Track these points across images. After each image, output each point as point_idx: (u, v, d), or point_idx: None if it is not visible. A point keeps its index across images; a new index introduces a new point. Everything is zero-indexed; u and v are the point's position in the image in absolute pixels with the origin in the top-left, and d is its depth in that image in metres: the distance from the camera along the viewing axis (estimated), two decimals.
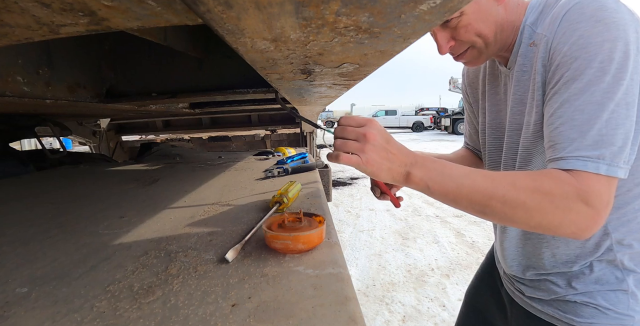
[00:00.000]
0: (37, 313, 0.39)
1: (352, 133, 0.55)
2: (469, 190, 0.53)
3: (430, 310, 2.20)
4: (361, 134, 0.54)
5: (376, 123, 0.56)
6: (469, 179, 0.53)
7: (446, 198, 0.56)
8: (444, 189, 0.54)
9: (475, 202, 0.53)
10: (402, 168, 0.55)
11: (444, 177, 0.54)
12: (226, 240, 0.59)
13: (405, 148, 0.57)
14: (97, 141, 2.94)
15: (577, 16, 0.55)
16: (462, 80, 0.93)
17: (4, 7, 0.30)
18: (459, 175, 0.54)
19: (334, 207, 4.68)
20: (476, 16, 0.63)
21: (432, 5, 0.30)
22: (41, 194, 1.07)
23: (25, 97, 0.99)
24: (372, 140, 0.54)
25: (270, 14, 0.30)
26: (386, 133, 0.56)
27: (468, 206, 0.55)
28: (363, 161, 0.54)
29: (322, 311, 0.37)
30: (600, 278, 0.67)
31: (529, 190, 0.51)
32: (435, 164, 0.55)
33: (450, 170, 0.54)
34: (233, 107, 1.99)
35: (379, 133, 0.55)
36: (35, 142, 2.56)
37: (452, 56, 0.71)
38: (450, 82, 20.63)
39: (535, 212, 0.50)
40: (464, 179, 0.53)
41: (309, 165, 1.26)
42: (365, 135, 0.54)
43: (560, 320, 0.70)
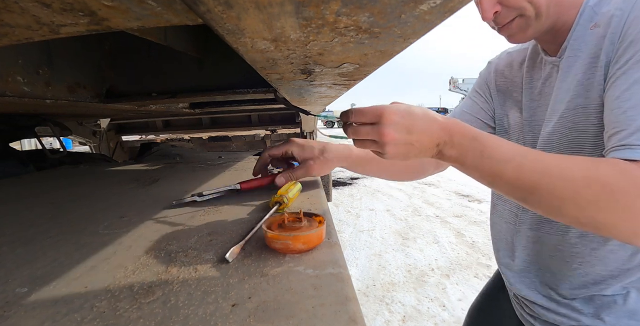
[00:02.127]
0: (37, 313, 0.39)
1: (367, 133, 0.50)
2: (512, 176, 0.45)
3: (430, 310, 2.20)
4: (377, 134, 0.48)
5: (390, 113, 0.48)
6: (514, 164, 0.45)
7: (483, 180, 0.49)
8: (482, 172, 0.48)
9: (518, 189, 0.46)
10: (434, 149, 0.49)
11: (482, 159, 0.47)
12: (226, 240, 0.59)
13: (435, 121, 0.49)
14: (97, 141, 2.94)
15: None
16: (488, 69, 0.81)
17: (4, 7, 0.30)
18: (503, 158, 0.46)
19: (334, 207, 4.69)
20: None
21: (432, 5, 0.30)
22: (41, 194, 1.07)
23: (25, 97, 0.99)
24: (391, 139, 0.48)
25: (270, 14, 0.30)
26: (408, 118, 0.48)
27: (508, 192, 0.48)
28: (386, 157, 0.50)
29: (322, 311, 0.37)
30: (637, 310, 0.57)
31: (586, 179, 0.43)
32: (475, 143, 0.47)
33: (491, 151, 0.46)
34: (233, 107, 1.99)
35: (396, 127, 0.47)
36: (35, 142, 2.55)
37: (496, 27, 0.62)
38: (451, 82, 20.64)
39: (590, 205, 0.43)
40: (508, 165, 0.45)
41: None
42: (382, 134, 0.48)
43: None
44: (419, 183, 6.06)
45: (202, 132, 3.56)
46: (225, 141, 3.65)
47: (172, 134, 3.75)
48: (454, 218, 4.03)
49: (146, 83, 1.38)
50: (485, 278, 2.58)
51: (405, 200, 4.96)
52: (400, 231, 3.66)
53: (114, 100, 1.36)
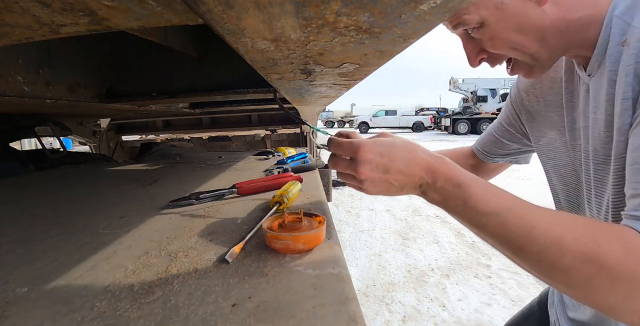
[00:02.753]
0: (37, 313, 0.39)
1: (345, 167, 0.48)
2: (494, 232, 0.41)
3: (430, 310, 2.20)
4: (353, 169, 0.47)
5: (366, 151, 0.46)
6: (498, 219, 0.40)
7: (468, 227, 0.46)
8: (465, 221, 0.45)
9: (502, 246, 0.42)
10: (417, 190, 0.47)
11: (465, 208, 0.43)
12: (226, 240, 0.59)
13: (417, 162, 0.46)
14: (97, 141, 2.94)
15: None
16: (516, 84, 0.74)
17: (4, 7, 0.30)
18: (486, 211, 0.41)
19: (334, 207, 4.69)
20: (503, 26, 0.49)
21: (433, 5, 0.30)
22: (41, 194, 1.07)
23: (26, 97, 0.99)
24: (365, 177, 0.46)
25: (270, 14, 0.30)
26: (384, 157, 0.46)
27: (493, 246, 0.44)
28: (368, 193, 0.48)
29: (322, 311, 0.37)
30: None
31: (582, 254, 0.36)
32: (458, 190, 0.43)
33: (475, 202, 0.42)
34: (233, 107, 1.99)
35: (371, 166, 0.45)
36: (35, 142, 2.55)
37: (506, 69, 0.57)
38: (451, 82, 20.64)
39: (583, 284, 0.36)
40: (491, 218, 0.41)
41: (309, 165, 1.26)
42: (356, 171, 0.46)
43: None
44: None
45: (202, 132, 3.56)
46: (225, 141, 3.65)
47: (172, 134, 3.75)
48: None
49: (146, 83, 1.38)
50: (485, 278, 2.58)
51: (405, 200, 4.97)
52: (400, 231, 3.67)
53: (114, 100, 1.36)
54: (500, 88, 19.91)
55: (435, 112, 24.29)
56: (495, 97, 19.89)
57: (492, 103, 19.68)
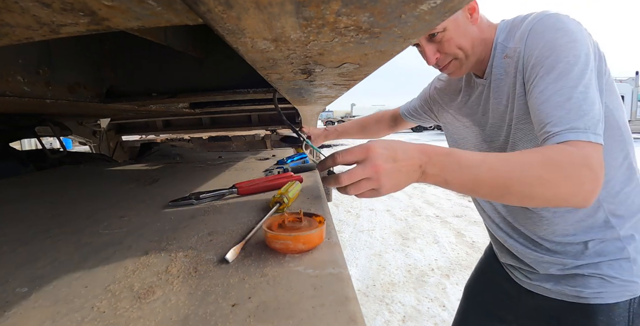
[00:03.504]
0: (37, 313, 0.39)
1: (362, 173, 0.52)
2: (488, 177, 0.53)
3: (430, 310, 2.20)
4: (368, 170, 0.51)
5: (376, 147, 0.52)
6: (486, 166, 0.54)
7: (465, 189, 0.56)
8: (462, 180, 0.54)
9: (496, 188, 0.54)
10: (417, 172, 0.54)
11: (461, 169, 0.53)
12: (226, 240, 0.59)
13: (411, 148, 0.55)
14: (97, 141, 2.94)
15: (541, 28, 0.68)
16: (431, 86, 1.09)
17: (4, 7, 0.30)
18: (475, 165, 0.54)
19: (334, 207, 4.69)
20: (456, 32, 0.74)
21: (433, 5, 0.30)
22: (41, 194, 1.07)
23: (26, 97, 0.99)
24: (383, 169, 0.51)
25: (270, 14, 0.31)
26: (389, 149, 0.52)
27: (488, 193, 0.56)
28: (382, 192, 0.53)
29: (322, 311, 0.37)
30: (602, 250, 0.73)
31: (542, 164, 0.54)
32: (450, 157, 0.54)
33: (466, 161, 0.54)
34: (233, 107, 1.99)
35: (383, 158, 0.51)
36: (35, 142, 2.55)
37: (438, 68, 0.82)
38: None
39: (551, 184, 0.53)
40: (481, 168, 0.53)
41: (309, 165, 1.26)
42: (374, 166, 0.51)
43: (570, 294, 0.75)
44: (419, 183, 6.05)
45: (202, 132, 3.56)
46: (225, 141, 3.65)
47: (172, 134, 3.75)
48: (454, 218, 4.03)
49: (146, 83, 1.38)
50: None
51: (405, 200, 4.97)
52: (400, 231, 3.66)
53: (114, 100, 1.36)
54: None
55: None
56: None
57: None
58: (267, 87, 1.28)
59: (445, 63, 0.79)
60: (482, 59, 0.80)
